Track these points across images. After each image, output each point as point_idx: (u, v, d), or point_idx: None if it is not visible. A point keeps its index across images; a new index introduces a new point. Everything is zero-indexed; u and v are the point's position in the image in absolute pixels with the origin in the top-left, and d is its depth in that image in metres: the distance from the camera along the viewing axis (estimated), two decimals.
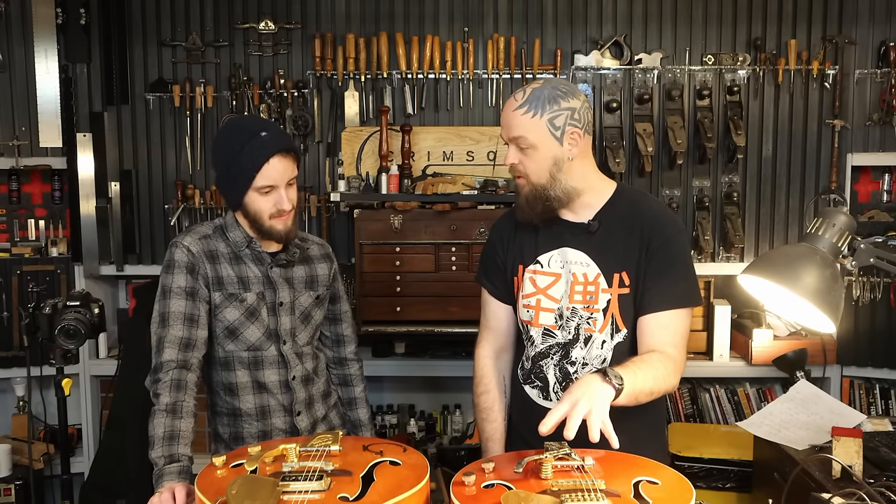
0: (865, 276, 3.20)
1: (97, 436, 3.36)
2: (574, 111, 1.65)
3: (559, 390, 1.75)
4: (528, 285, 1.79)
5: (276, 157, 1.79)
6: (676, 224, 1.74)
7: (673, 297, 1.67)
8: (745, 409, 3.32)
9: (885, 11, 3.30)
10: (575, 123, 1.66)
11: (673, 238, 1.70)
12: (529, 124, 1.64)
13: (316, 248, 2.04)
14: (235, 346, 1.88)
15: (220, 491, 1.23)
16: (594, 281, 1.70)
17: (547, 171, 1.67)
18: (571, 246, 1.73)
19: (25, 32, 3.34)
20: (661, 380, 1.59)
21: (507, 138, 1.69)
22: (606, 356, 1.70)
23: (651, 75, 3.35)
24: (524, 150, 1.67)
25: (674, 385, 1.65)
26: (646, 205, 1.74)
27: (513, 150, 1.69)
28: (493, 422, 1.86)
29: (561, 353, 1.75)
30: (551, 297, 1.76)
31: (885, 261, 1.53)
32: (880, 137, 3.34)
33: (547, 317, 1.76)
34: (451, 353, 3.38)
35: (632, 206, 1.73)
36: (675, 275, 1.68)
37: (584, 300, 1.71)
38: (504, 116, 1.69)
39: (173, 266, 1.83)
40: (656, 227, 1.69)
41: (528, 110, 1.64)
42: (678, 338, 1.68)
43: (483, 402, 1.87)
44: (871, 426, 2.20)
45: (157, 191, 3.45)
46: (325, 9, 3.40)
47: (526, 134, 1.65)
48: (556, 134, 1.65)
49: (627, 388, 1.46)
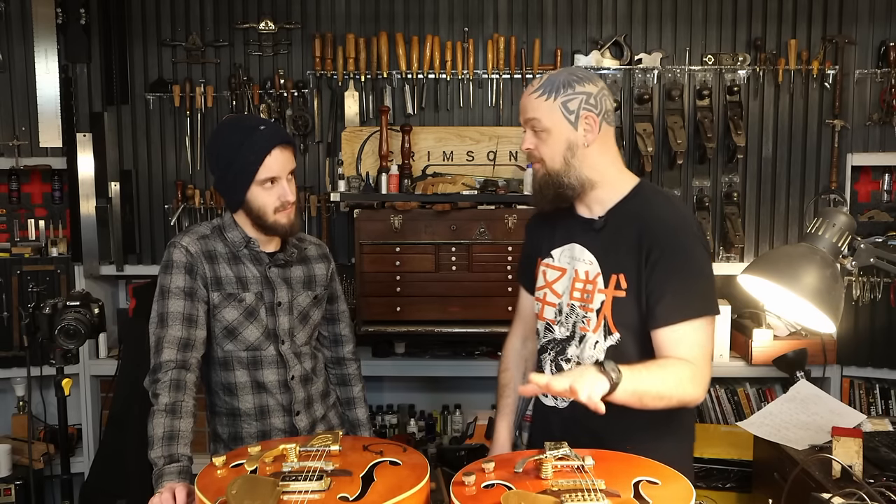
0: (865, 276, 3.20)
1: (97, 436, 3.36)
2: (590, 96, 1.64)
3: None
4: (540, 278, 1.80)
5: (277, 149, 1.80)
6: (685, 229, 1.64)
7: (685, 308, 1.58)
8: (745, 409, 3.32)
9: (885, 11, 3.30)
10: (590, 108, 1.63)
11: (681, 244, 1.61)
12: (543, 107, 1.63)
13: (313, 248, 2.04)
14: (234, 346, 1.88)
15: (220, 491, 1.23)
16: (593, 280, 1.67)
17: (561, 156, 1.65)
18: (579, 242, 1.71)
19: (25, 32, 3.34)
20: (674, 385, 1.52)
21: (523, 121, 1.69)
22: (599, 357, 1.67)
23: (651, 75, 3.35)
24: (539, 134, 1.66)
25: (693, 395, 1.56)
26: (657, 206, 1.66)
27: (529, 134, 1.68)
28: (506, 398, 1.94)
29: (557, 350, 1.75)
30: (555, 292, 1.75)
31: (885, 261, 1.53)
32: (880, 137, 3.34)
33: (549, 311, 1.76)
34: (451, 353, 3.38)
35: (643, 206, 1.66)
36: (687, 284, 1.59)
37: (581, 298, 1.69)
38: (521, 101, 1.70)
39: (171, 266, 1.83)
40: (662, 232, 1.61)
41: (542, 93, 1.64)
42: (697, 349, 1.58)
43: (501, 379, 1.97)
44: (871, 426, 2.20)
45: (157, 191, 3.46)
46: (325, 9, 3.40)
47: (539, 116, 1.64)
48: (569, 118, 1.63)
49: (627, 385, 1.41)
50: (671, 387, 1.52)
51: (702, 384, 1.57)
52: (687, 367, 1.54)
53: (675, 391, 1.52)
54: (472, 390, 3.50)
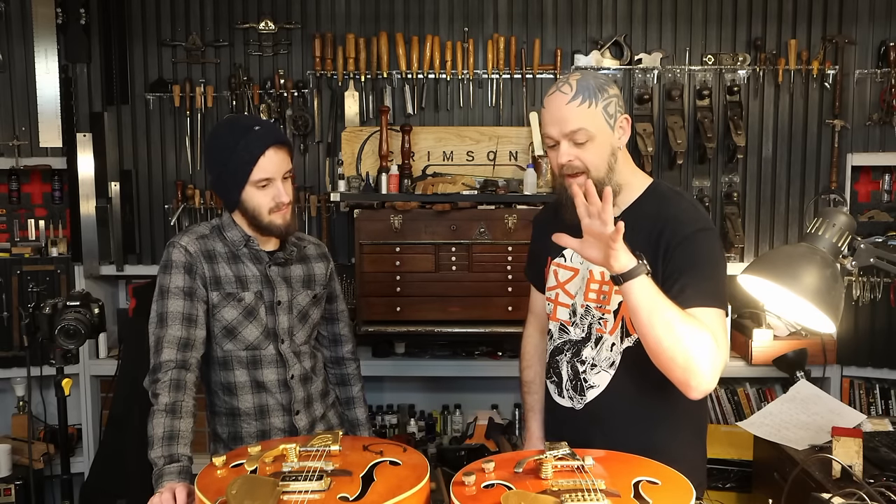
0: (865, 276, 3.21)
1: (97, 436, 3.36)
2: (619, 98, 1.63)
3: (570, 388, 1.72)
4: (552, 278, 1.78)
5: (272, 150, 1.80)
6: (699, 222, 1.60)
7: (694, 296, 1.52)
8: (745, 409, 3.32)
9: (885, 11, 3.30)
10: (622, 110, 1.63)
11: (694, 236, 1.57)
12: (587, 115, 1.58)
13: (312, 247, 2.04)
14: (234, 346, 1.88)
15: (220, 491, 1.23)
16: (609, 281, 1.61)
17: (606, 163, 1.61)
18: None
19: (25, 32, 3.34)
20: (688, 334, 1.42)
21: (562, 134, 1.59)
22: (615, 359, 1.65)
23: (651, 75, 3.35)
24: (582, 145, 1.58)
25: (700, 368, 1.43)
26: (672, 204, 1.64)
27: (566, 146, 1.59)
28: (534, 394, 1.94)
29: (573, 351, 1.72)
30: (567, 293, 1.74)
31: (885, 261, 1.53)
32: (880, 137, 3.34)
33: (563, 312, 1.75)
34: (451, 353, 3.38)
35: (658, 206, 1.64)
36: (699, 274, 1.54)
37: (597, 299, 1.67)
38: (553, 113, 1.60)
39: (171, 266, 1.83)
40: (677, 227, 1.58)
41: (583, 100, 1.57)
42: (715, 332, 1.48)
43: (525, 376, 1.97)
44: (871, 426, 2.20)
45: (157, 191, 3.46)
46: (325, 9, 3.40)
47: (586, 125, 1.57)
48: (610, 122, 1.60)
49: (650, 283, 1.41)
50: (685, 332, 1.43)
51: (712, 364, 1.45)
52: (707, 335, 1.46)
53: (687, 340, 1.43)
54: (472, 390, 3.50)
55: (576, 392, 1.71)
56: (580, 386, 1.70)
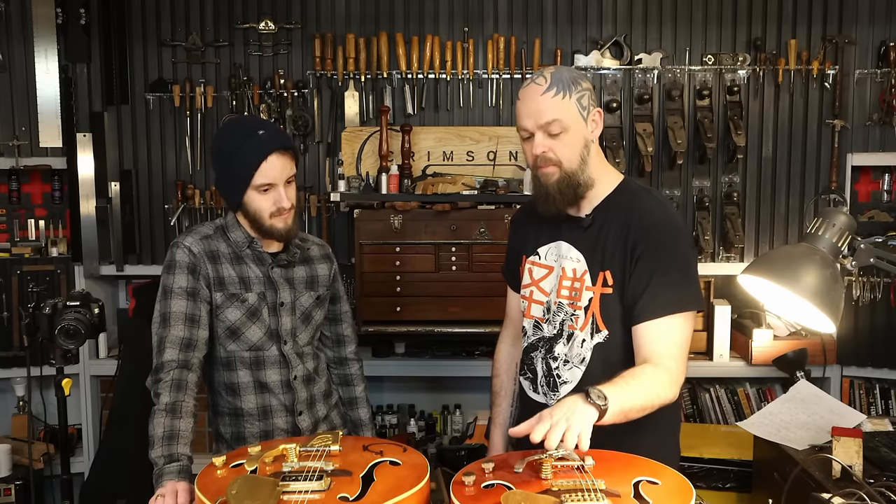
0: (865, 276, 3.21)
1: (97, 436, 3.36)
2: (591, 92, 1.66)
3: (543, 384, 1.76)
4: (526, 275, 1.81)
5: (274, 155, 1.79)
6: (670, 223, 1.64)
7: (667, 303, 1.58)
8: (745, 409, 3.32)
9: (885, 11, 3.30)
10: (595, 104, 1.65)
11: (665, 239, 1.62)
12: (561, 106, 1.60)
13: (316, 248, 2.04)
14: (237, 347, 1.88)
15: (220, 491, 1.23)
16: (580, 277, 1.67)
17: (578, 155, 1.63)
18: (566, 240, 1.72)
19: (25, 32, 3.34)
20: (655, 395, 1.52)
21: (537, 126, 1.61)
22: (586, 356, 1.67)
23: (651, 75, 3.35)
24: (556, 136, 1.61)
25: (670, 398, 1.57)
26: (641, 202, 1.66)
27: (540, 137, 1.62)
28: (497, 406, 1.97)
29: (546, 348, 1.75)
30: (542, 290, 1.76)
31: (885, 261, 1.53)
32: (880, 137, 3.34)
33: (537, 309, 1.77)
34: (452, 353, 3.38)
35: (628, 203, 1.67)
36: (669, 278, 1.59)
37: (569, 296, 1.69)
38: (528, 104, 1.62)
39: (174, 266, 1.83)
40: (646, 228, 1.61)
41: (557, 91, 1.60)
42: (675, 347, 1.59)
43: (493, 385, 2.00)
44: (871, 426, 2.20)
45: (157, 191, 3.46)
46: (325, 9, 3.40)
47: (560, 116, 1.60)
48: (583, 114, 1.63)
49: (614, 408, 1.39)
50: (652, 397, 1.51)
51: (678, 384, 1.59)
52: (664, 374, 1.55)
53: (656, 400, 1.52)
54: (472, 390, 3.50)
55: (549, 388, 1.74)
56: (553, 382, 1.73)
